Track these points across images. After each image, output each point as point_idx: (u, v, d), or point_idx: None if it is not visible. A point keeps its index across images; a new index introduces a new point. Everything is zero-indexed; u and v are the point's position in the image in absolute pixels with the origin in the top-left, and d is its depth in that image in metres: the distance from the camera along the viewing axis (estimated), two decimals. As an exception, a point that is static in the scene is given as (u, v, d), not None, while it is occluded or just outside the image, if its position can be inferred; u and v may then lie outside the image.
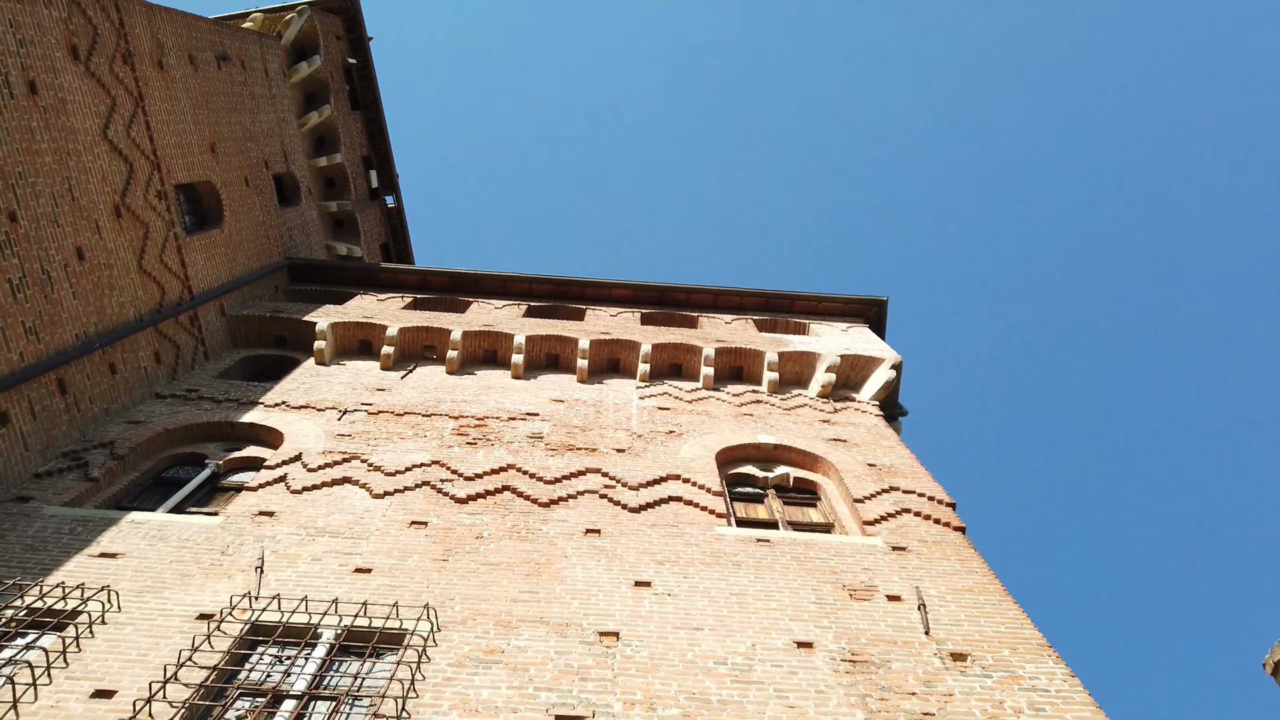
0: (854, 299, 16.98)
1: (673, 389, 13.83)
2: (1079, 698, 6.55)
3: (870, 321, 17.01)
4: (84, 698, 6.11)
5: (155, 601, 7.39)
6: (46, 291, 9.97)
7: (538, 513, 9.49)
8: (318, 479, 9.85)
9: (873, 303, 16.97)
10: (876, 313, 17.01)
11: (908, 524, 9.58)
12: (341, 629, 7.14)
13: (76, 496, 9.29)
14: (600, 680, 6.61)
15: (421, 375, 13.87)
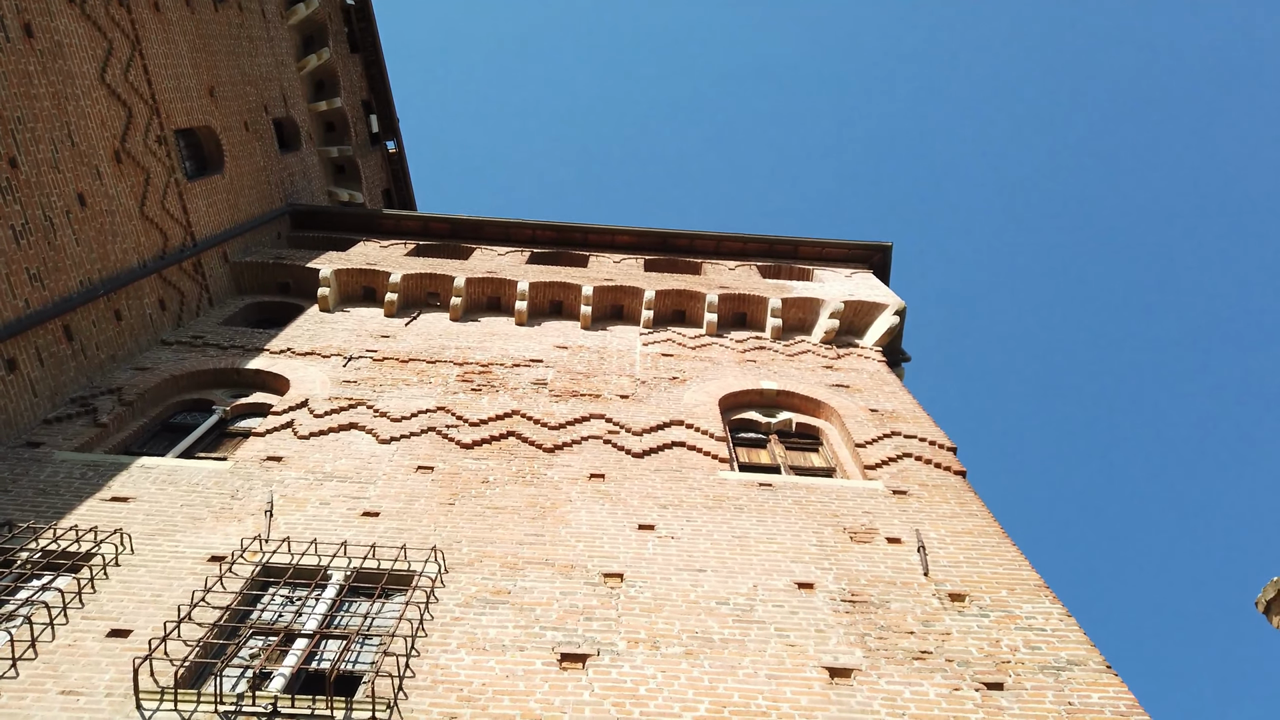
0: (858, 244, 16.90)
1: (676, 335, 13.86)
2: (1074, 636, 6.68)
3: (875, 267, 16.95)
4: (100, 637, 6.26)
5: (167, 544, 7.52)
6: (50, 238, 9.96)
7: (542, 458, 9.58)
8: (324, 425, 9.94)
9: (877, 248, 16.89)
10: (881, 258, 16.94)
11: (909, 468, 9.67)
12: (351, 571, 7.27)
13: (86, 442, 9.39)
14: (605, 620, 6.75)
15: (425, 322, 13.90)
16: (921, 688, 6.08)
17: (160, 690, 5.63)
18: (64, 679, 5.79)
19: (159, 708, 5.54)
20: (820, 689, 6.05)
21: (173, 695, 5.60)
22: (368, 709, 5.60)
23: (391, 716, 5.59)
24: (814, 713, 5.81)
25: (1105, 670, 6.29)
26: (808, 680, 6.13)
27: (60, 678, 5.81)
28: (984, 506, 8.83)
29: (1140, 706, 5.91)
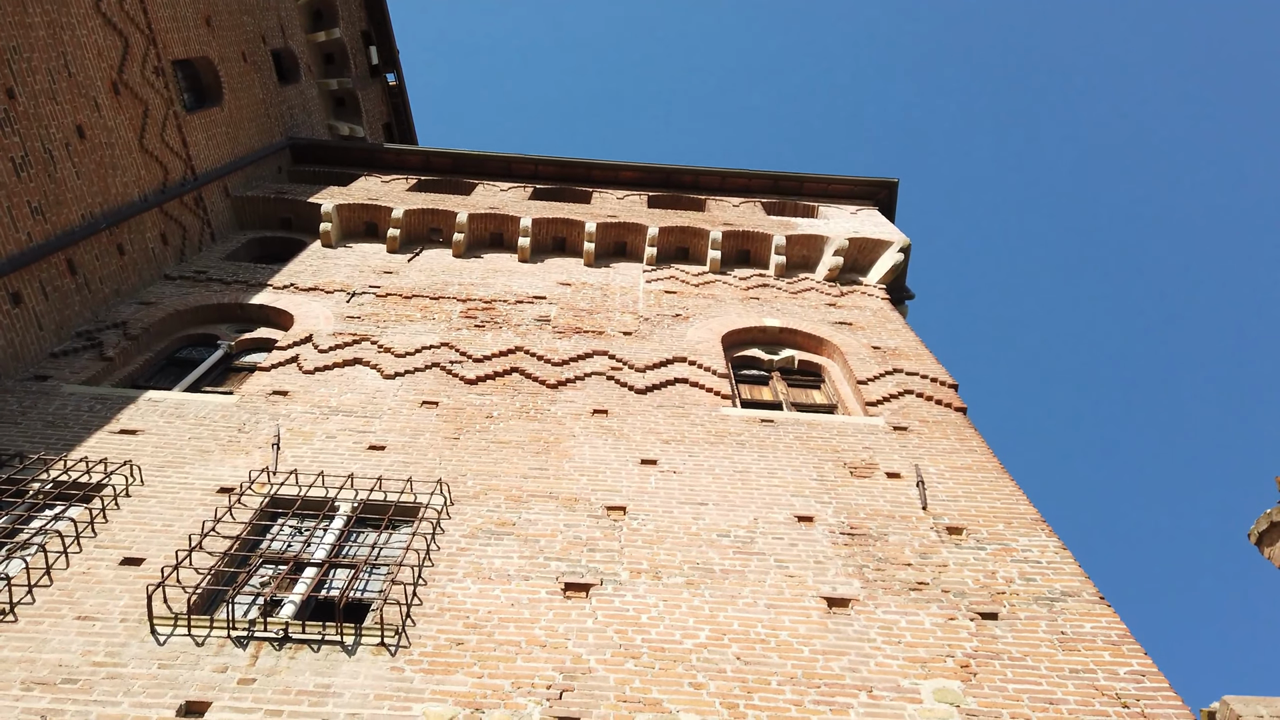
0: (864, 181, 16.74)
1: (679, 272, 13.82)
2: (1069, 569, 6.80)
3: (880, 204, 16.82)
4: (114, 565, 6.39)
5: (176, 476, 7.62)
6: (50, 170, 9.89)
7: (546, 394, 9.65)
8: (329, 360, 9.99)
9: (883, 185, 16.74)
10: (887, 195, 16.80)
11: (910, 405, 9.74)
12: (358, 502, 7.38)
13: (93, 375, 9.46)
14: (608, 551, 6.87)
15: (428, 258, 13.86)
16: (917, 617, 6.21)
17: (174, 616, 5.77)
18: (80, 605, 5.93)
19: (173, 632, 5.68)
20: (818, 618, 6.18)
21: (186, 621, 5.74)
22: (376, 635, 5.74)
23: (400, 642, 5.73)
24: (812, 640, 5.94)
25: (1098, 601, 6.42)
26: (806, 609, 6.26)
27: (76, 604, 5.94)
28: (983, 442, 8.90)
29: (1131, 636, 6.04)
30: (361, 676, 5.44)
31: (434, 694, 5.34)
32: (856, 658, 5.80)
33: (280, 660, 5.53)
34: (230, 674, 5.39)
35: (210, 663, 5.47)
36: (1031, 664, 5.79)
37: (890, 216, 16.75)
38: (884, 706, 5.38)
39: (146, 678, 5.32)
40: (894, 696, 5.47)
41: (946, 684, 5.58)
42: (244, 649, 5.59)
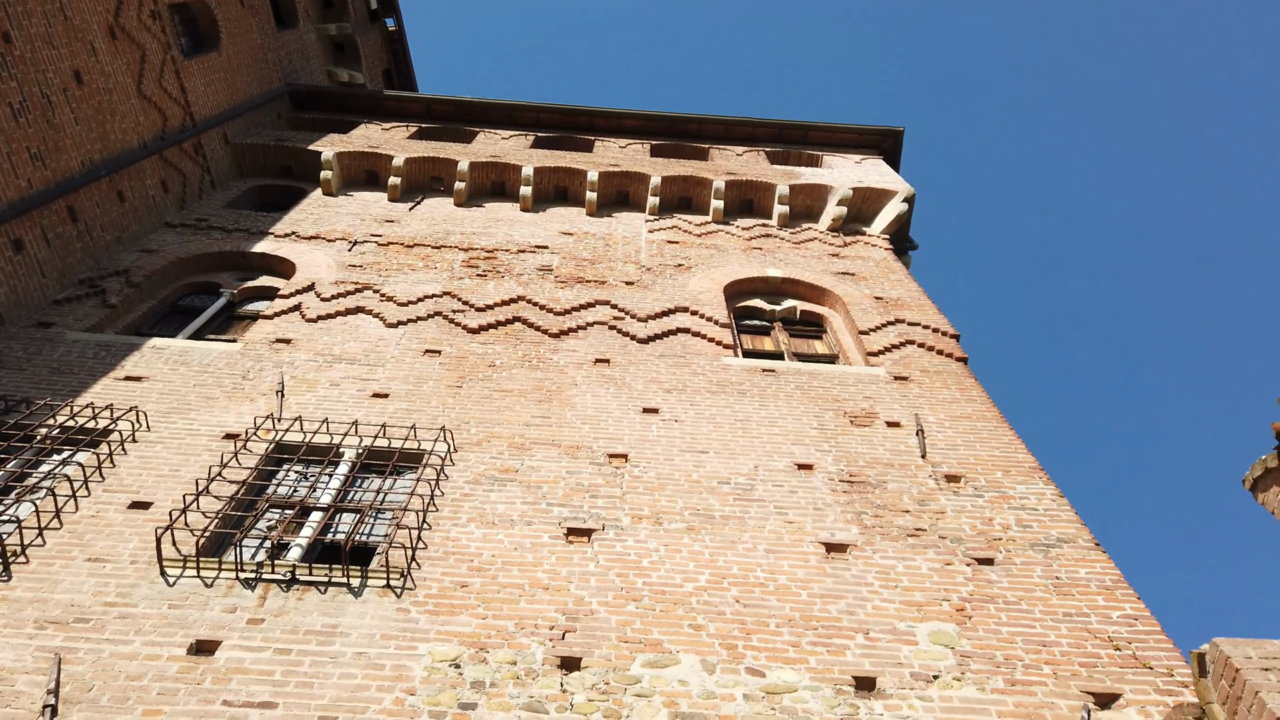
0: (869, 129, 16.57)
1: (682, 222, 13.76)
2: (1065, 515, 6.88)
3: (885, 153, 16.66)
4: (122, 508, 6.48)
5: (182, 422, 7.69)
6: (49, 116, 9.81)
7: (548, 343, 9.67)
8: (332, 308, 10.01)
9: (888, 133, 16.57)
10: (892, 144, 16.63)
11: (911, 355, 9.76)
12: (362, 449, 7.45)
13: (97, 323, 9.49)
14: (610, 498, 6.95)
15: (429, 207, 13.79)
16: (914, 562, 6.30)
17: (183, 559, 5.86)
18: (89, 547, 6.03)
19: (182, 574, 5.78)
20: (816, 563, 6.27)
21: (195, 563, 5.84)
22: (382, 577, 5.84)
23: (405, 584, 5.83)
24: (810, 584, 6.04)
25: (1094, 548, 6.50)
26: (805, 555, 6.36)
27: (86, 546, 6.04)
28: (984, 392, 8.95)
29: (1125, 581, 6.13)
30: (368, 617, 5.55)
31: (439, 634, 5.44)
32: (854, 601, 5.90)
33: (288, 602, 5.63)
34: (239, 614, 5.50)
35: (219, 603, 5.57)
36: (1026, 608, 5.89)
37: (895, 166, 16.61)
38: (880, 648, 5.49)
39: (157, 617, 5.43)
40: (890, 639, 5.57)
41: (942, 627, 5.68)
42: (252, 590, 5.70)
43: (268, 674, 5.06)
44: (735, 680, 5.21)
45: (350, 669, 5.14)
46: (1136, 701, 5.15)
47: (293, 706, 4.85)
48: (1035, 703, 5.12)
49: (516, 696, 5.01)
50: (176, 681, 4.96)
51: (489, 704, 4.95)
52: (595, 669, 5.24)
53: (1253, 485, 4.31)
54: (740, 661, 5.35)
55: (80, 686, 4.88)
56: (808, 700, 5.08)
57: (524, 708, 4.94)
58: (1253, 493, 4.32)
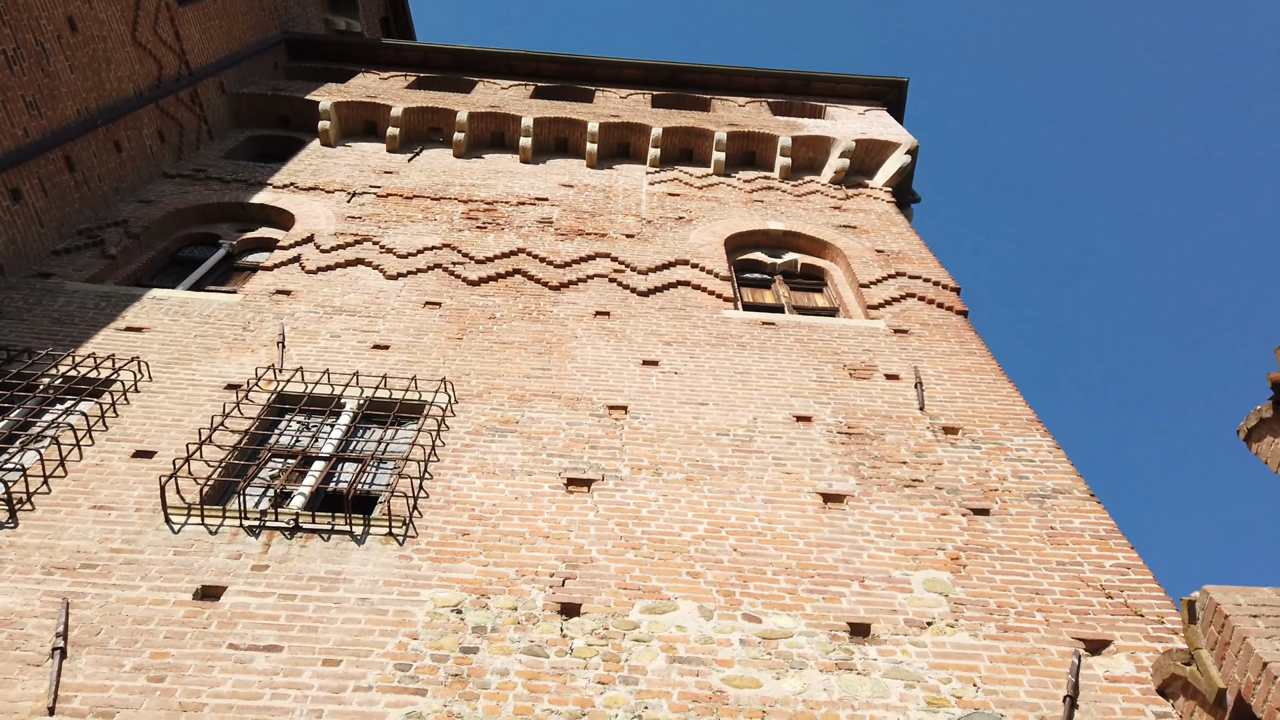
0: (873, 80, 16.37)
1: (683, 175, 13.66)
2: (1061, 467, 6.94)
3: (889, 105, 16.49)
4: (126, 457, 6.53)
5: (184, 372, 7.72)
6: (43, 64, 9.70)
7: (548, 295, 9.67)
8: (331, 260, 9.99)
9: (892, 84, 16.37)
10: (896, 95, 16.45)
11: (911, 308, 9.76)
12: (363, 399, 7.49)
13: (96, 273, 9.48)
14: (609, 449, 7.00)
15: (428, 158, 13.69)
16: (910, 512, 6.37)
17: (187, 506, 5.93)
18: (94, 495, 6.09)
19: (186, 521, 5.85)
20: (813, 512, 6.34)
21: (199, 511, 5.90)
22: (385, 525, 5.91)
23: (408, 532, 5.90)
24: (807, 534, 6.11)
25: (1089, 499, 6.57)
26: (802, 505, 6.42)
27: (91, 494, 6.10)
28: (983, 345, 8.96)
29: (1119, 531, 6.20)
30: (371, 564, 5.63)
31: (441, 581, 5.52)
32: (850, 550, 5.97)
33: (292, 549, 5.71)
34: (244, 561, 5.58)
35: (224, 550, 5.65)
36: (1020, 557, 5.96)
37: (899, 118, 16.45)
38: (875, 596, 5.57)
39: (163, 563, 5.51)
40: (885, 586, 5.65)
41: (936, 575, 5.76)
42: (256, 538, 5.77)
43: (273, 619, 5.15)
44: (732, 626, 5.29)
45: (354, 614, 5.22)
46: (1127, 648, 5.24)
47: (297, 650, 4.94)
48: (1027, 648, 5.21)
49: (517, 641, 5.10)
50: (183, 625, 5.05)
51: (490, 648, 5.04)
52: (595, 615, 5.33)
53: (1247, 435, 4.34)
54: (737, 608, 5.44)
55: (88, 630, 4.97)
56: (803, 645, 5.17)
57: (524, 652, 5.03)
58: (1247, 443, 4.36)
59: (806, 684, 4.91)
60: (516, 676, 4.87)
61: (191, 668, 4.78)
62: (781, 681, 4.93)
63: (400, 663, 4.90)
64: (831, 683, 4.93)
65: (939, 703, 4.83)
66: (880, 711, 4.76)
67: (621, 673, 4.93)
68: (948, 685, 4.94)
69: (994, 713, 4.78)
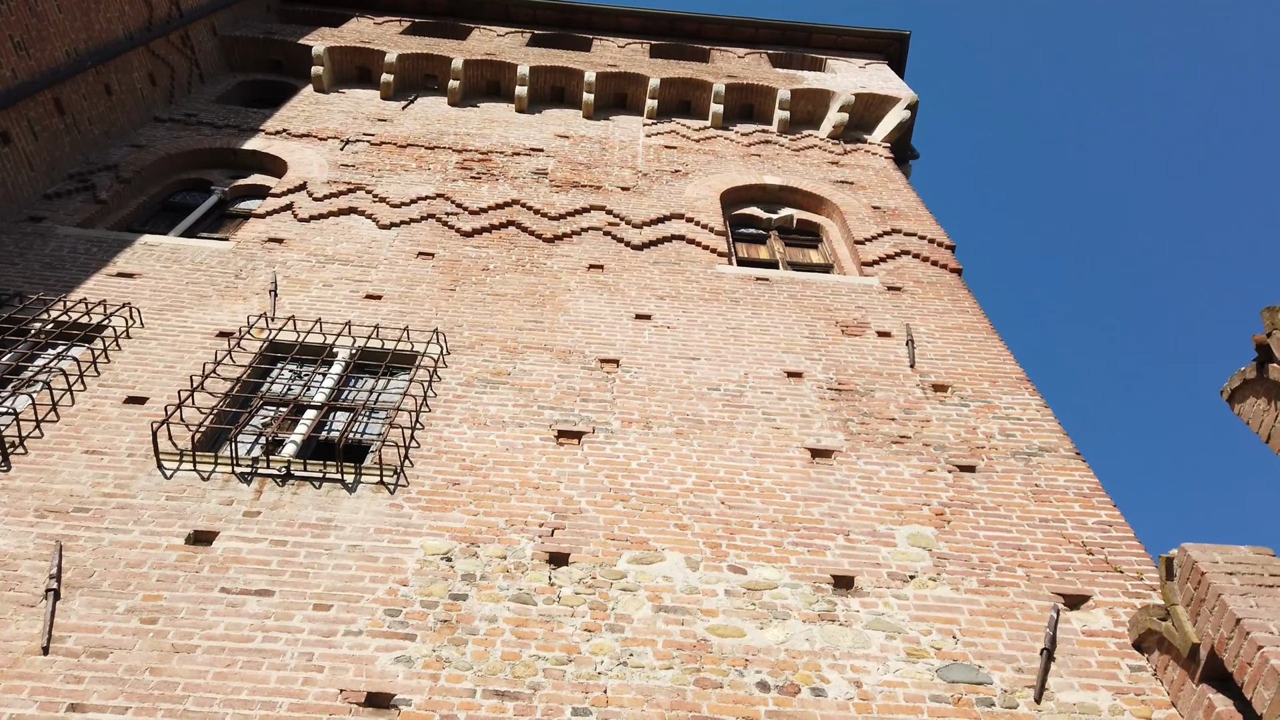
0: (874, 32, 16.16)
1: (680, 127, 13.53)
2: (1049, 425, 7.00)
3: (891, 58, 16.29)
4: (118, 403, 6.55)
5: (176, 319, 7.71)
6: (31, 3, 9.53)
7: (542, 247, 9.63)
8: (324, 208, 9.92)
9: (894, 37, 16.16)
10: (898, 49, 16.25)
11: (905, 265, 9.75)
12: (356, 349, 7.50)
13: (88, 218, 9.41)
14: (600, 401, 7.04)
15: (423, 106, 13.53)
16: (897, 468, 6.43)
17: (179, 452, 5.96)
18: (87, 440, 6.12)
19: (179, 467, 5.89)
20: (801, 467, 6.40)
21: (191, 457, 5.94)
22: (376, 474, 5.96)
23: (399, 481, 5.95)
24: (794, 487, 6.18)
25: (1074, 457, 6.63)
26: (790, 459, 6.48)
27: (83, 439, 6.13)
28: (976, 304, 8.97)
29: (1102, 489, 6.27)
30: (362, 512, 5.68)
31: (431, 529, 5.59)
32: (836, 504, 6.04)
33: (284, 496, 5.76)
34: (236, 507, 5.63)
35: (216, 496, 5.70)
36: (1004, 513, 6.04)
37: (900, 72, 16.25)
38: (859, 549, 5.65)
39: (155, 508, 5.55)
40: (869, 540, 5.73)
41: (920, 530, 5.84)
42: (248, 484, 5.81)
43: (264, 564, 5.21)
44: (718, 577, 5.37)
45: (344, 560, 5.29)
46: (1105, 603, 5.33)
47: (289, 595, 5.01)
48: (1007, 602, 5.31)
49: (506, 589, 5.18)
50: (175, 569, 5.11)
51: (479, 595, 5.11)
52: (583, 564, 5.40)
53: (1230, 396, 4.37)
54: (723, 560, 5.51)
55: (81, 572, 5.03)
56: (787, 596, 5.25)
57: (513, 599, 5.10)
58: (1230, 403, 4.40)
59: (789, 634, 5.01)
60: (504, 623, 4.95)
61: (184, 610, 4.85)
62: (765, 631, 5.02)
63: (390, 608, 4.98)
64: (814, 633, 5.02)
65: (918, 654, 4.92)
66: (860, 661, 4.86)
67: (608, 621, 5.01)
68: (928, 637, 5.03)
69: (972, 664, 4.88)
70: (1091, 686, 4.77)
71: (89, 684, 4.38)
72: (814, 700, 4.61)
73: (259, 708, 4.34)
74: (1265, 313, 4.14)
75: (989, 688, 4.74)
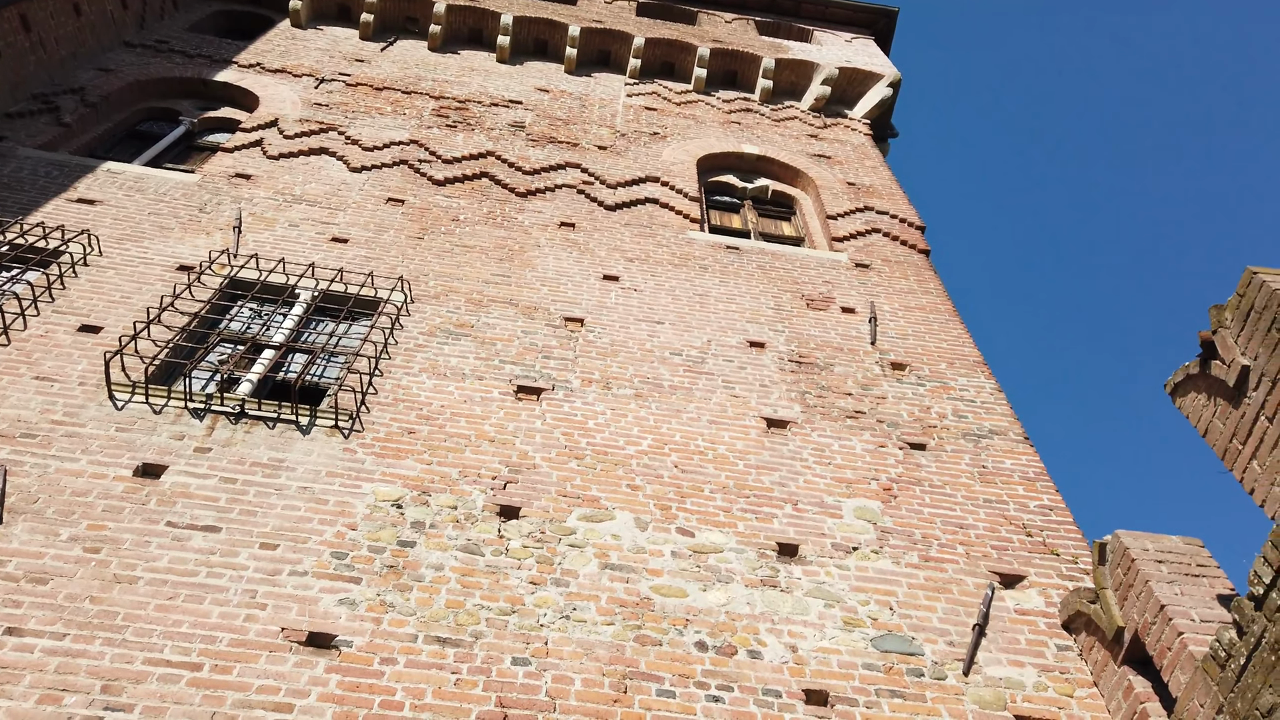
0: (863, 6, 16.07)
1: (662, 89, 13.42)
2: (1001, 409, 7.13)
3: (878, 34, 16.22)
4: (71, 330, 6.45)
5: (135, 249, 7.58)
6: (-5, -87, 9.22)
7: (514, 201, 9.56)
8: (294, 146, 9.75)
9: (882, 13, 16.09)
10: (886, 25, 16.18)
11: (875, 243, 9.81)
12: (318, 291, 7.43)
13: (50, 140, 9.19)
14: (562, 359, 7.05)
15: (402, 49, 13.29)
16: (849, 443, 6.53)
17: (131, 384, 5.90)
18: (38, 366, 6.04)
19: (130, 399, 5.83)
20: (756, 436, 6.47)
21: (144, 389, 5.88)
22: (331, 417, 5.94)
23: (354, 426, 5.94)
24: (747, 455, 6.25)
25: (1023, 441, 6.77)
26: (746, 428, 6.55)
27: (34, 365, 6.04)
28: (940, 285, 9.06)
29: (1047, 474, 6.42)
30: (315, 454, 5.67)
31: (384, 475, 5.60)
32: (787, 474, 6.13)
33: (236, 434, 5.73)
34: (187, 442, 5.59)
35: (167, 430, 5.65)
36: (949, 492, 6.16)
37: (886, 49, 16.19)
38: (806, 519, 5.75)
39: (104, 438, 5.50)
40: (816, 510, 5.83)
41: (867, 503, 5.94)
42: (200, 420, 5.77)
43: (212, 500, 5.20)
44: (665, 538, 5.44)
45: (294, 501, 5.29)
46: (1039, 584, 5.48)
47: (236, 532, 5.01)
48: (945, 578, 5.43)
49: (454, 538, 5.21)
50: (122, 500, 5.08)
51: (427, 543, 5.14)
52: (533, 519, 5.45)
53: (1173, 390, 4.48)
54: (672, 522, 5.58)
55: (25, 498, 4.98)
56: (731, 561, 5.34)
57: (461, 549, 5.14)
58: (1173, 397, 4.50)
59: (731, 597, 5.10)
60: (451, 572, 4.99)
61: (128, 542, 4.83)
62: (707, 593, 5.10)
63: (337, 551, 5.00)
64: (755, 597, 5.12)
65: (855, 623, 5.04)
66: (799, 627, 4.96)
67: (554, 574, 5.07)
68: (865, 607, 5.15)
69: (906, 635, 5.00)
70: (1019, 663, 4.92)
71: (27, 609, 4.36)
72: (750, 662, 4.71)
73: (199, 641, 4.35)
74: (1213, 310, 4.23)
75: (920, 659, 4.87)
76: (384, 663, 4.42)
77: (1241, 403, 4.01)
